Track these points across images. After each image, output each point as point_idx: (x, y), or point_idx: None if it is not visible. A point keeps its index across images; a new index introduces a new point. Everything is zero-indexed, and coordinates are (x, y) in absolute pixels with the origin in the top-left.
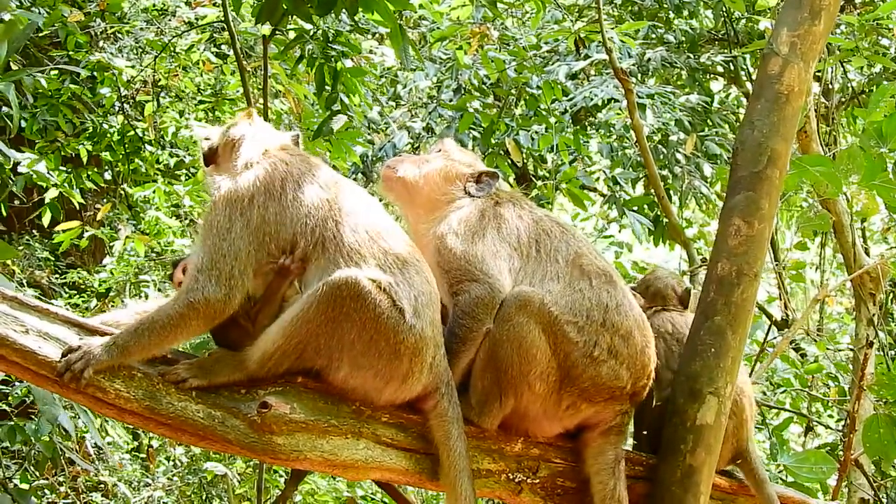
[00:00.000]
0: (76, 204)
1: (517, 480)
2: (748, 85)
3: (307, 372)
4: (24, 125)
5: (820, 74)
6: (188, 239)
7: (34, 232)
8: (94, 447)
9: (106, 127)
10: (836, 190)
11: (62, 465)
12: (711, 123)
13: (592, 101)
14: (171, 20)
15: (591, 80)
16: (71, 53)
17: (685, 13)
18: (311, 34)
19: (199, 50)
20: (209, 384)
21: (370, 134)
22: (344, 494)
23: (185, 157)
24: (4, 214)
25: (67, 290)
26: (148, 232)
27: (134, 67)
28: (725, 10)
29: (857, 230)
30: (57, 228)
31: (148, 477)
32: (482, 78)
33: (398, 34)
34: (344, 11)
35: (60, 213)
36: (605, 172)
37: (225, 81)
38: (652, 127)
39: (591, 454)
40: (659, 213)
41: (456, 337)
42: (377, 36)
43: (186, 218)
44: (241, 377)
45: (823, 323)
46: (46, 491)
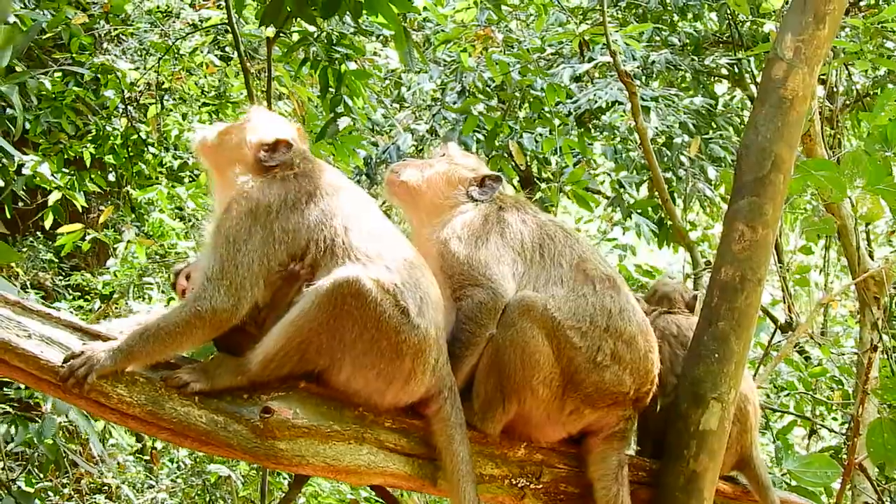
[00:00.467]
0: (79, 206)
1: (520, 485)
2: (752, 88)
3: (309, 375)
4: (27, 127)
5: (824, 77)
6: (191, 241)
7: (38, 234)
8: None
9: (109, 129)
10: (840, 194)
11: (66, 467)
12: (715, 126)
13: (596, 103)
14: (174, 22)
15: (595, 82)
16: (75, 55)
17: (689, 16)
18: (314, 36)
19: (202, 52)
20: (211, 389)
21: (374, 136)
22: (347, 497)
23: (188, 159)
24: (9, 216)
25: (71, 291)
26: (152, 234)
27: (137, 70)
28: (730, 12)
29: (861, 234)
30: (59, 231)
31: (152, 479)
32: (486, 80)
33: (402, 37)
34: (348, 14)
35: (64, 215)
36: (610, 175)
37: (228, 84)
38: (656, 130)
39: (594, 459)
40: (663, 215)
41: (459, 342)
42: (381, 38)
43: (189, 220)
44: (243, 381)
45: (827, 326)
46: (50, 493)
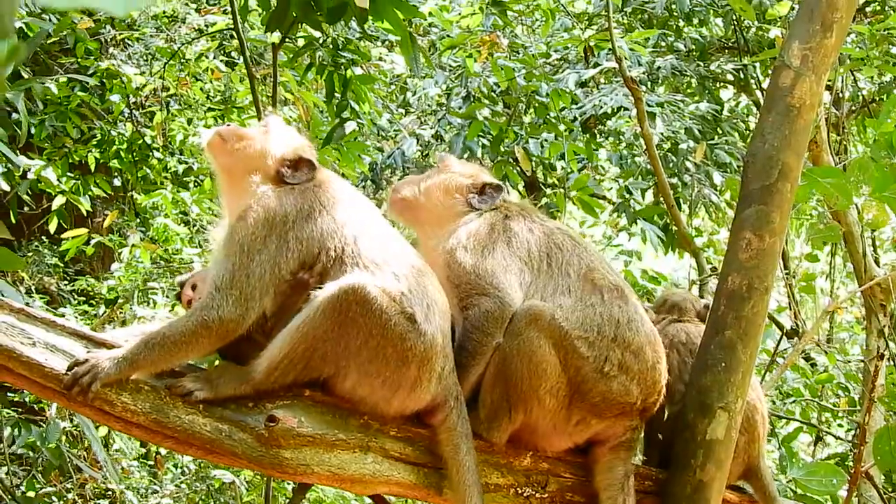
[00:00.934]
0: (84, 211)
1: (526, 495)
2: (758, 93)
3: (314, 383)
4: (32, 131)
5: (830, 84)
6: (196, 247)
7: (43, 238)
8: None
9: (115, 134)
10: (846, 201)
11: (70, 472)
12: (721, 132)
13: (602, 109)
14: (180, 27)
15: (600, 88)
16: (80, 60)
17: (695, 21)
18: (320, 42)
19: (208, 58)
20: (216, 397)
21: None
22: (352, 502)
23: (193, 164)
24: (14, 221)
25: (76, 296)
26: (156, 239)
27: (143, 75)
28: (735, 18)
29: (867, 240)
30: (64, 235)
31: (156, 484)
32: (492, 86)
33: (408, 42)
34: (353, 19)
35: (69, 220)
36: (618, 183)
37: (234, 89)
38: (661, 135)
39: (600, 469)
40: (668, 221)
41: (465, 351)
42: (387, 43)
43: (194, 225)
44: (247, 389)
45: (833, 332)
46: (54, 498)
